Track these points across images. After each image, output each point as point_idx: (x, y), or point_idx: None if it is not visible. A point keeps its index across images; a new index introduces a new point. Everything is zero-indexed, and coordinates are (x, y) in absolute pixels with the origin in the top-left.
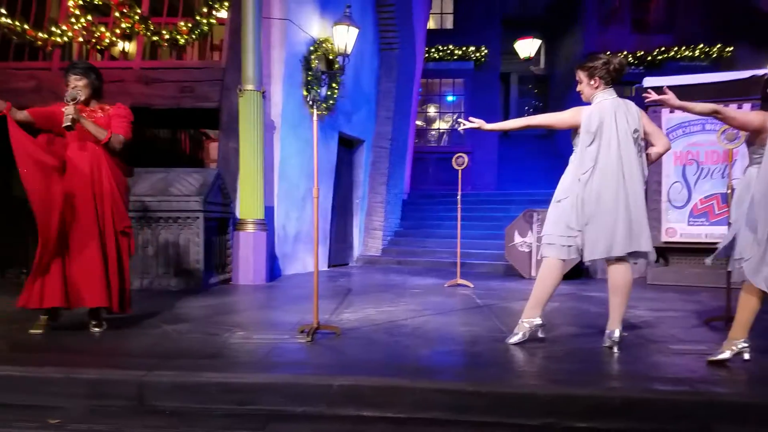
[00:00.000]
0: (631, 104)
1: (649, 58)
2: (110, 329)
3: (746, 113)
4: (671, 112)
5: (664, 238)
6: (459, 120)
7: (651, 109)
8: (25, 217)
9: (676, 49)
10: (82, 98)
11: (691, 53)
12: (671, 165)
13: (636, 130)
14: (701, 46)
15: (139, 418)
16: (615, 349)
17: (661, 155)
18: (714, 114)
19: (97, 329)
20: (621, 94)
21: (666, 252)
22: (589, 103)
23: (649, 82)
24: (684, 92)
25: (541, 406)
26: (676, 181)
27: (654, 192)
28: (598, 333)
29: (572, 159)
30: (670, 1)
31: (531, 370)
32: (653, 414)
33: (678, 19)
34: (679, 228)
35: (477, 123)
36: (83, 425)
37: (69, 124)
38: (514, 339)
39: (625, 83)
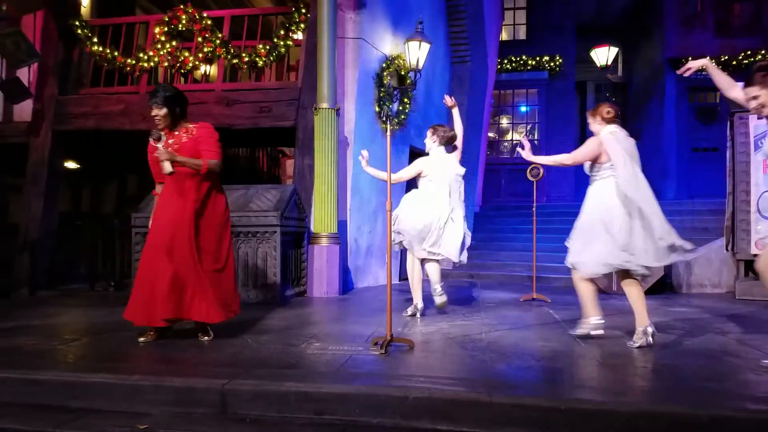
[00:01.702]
0: None
1: (734, 62)
2: (193, 339)
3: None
4: (759, 118)
5: (754, 250)
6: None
7: (738, 115)
8: (114, 234)
9: (762, 52)
10: (164, 134)
11: None
12: (761, 173)
13: None
14: None
15: (221, 424)
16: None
17: None
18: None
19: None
20: (706, 100)
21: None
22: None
23: None
24: None
25: (623, 423)
26: (766, 191)
27: (742, 202)
28: (683, 348)
29: (604, 185)
30: (757, 1)
31: (613, 386)
32: None
33: (765, 21)
34: None
35: (526, 151)
36: (169, 431)
37: (169, 170)
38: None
39: (708, 89)
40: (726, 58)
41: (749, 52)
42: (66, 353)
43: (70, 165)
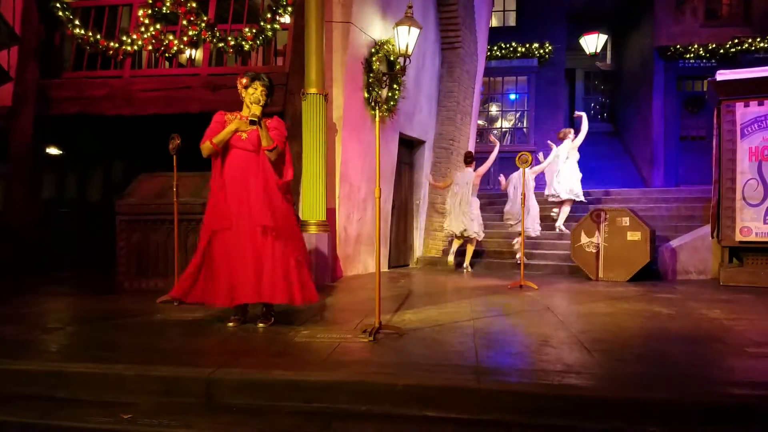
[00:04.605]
0: None
1: (722, 51)
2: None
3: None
4: (746, 106)
5: (739, 237)
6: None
7: (725, 104)
8: (100, 221)
9: (750, 40)
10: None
11: (767, 45)
12: (746, 161)
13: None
14: None
15: (207, 414)
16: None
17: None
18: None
19: (263, 325)
20: (694, 89)
21: (740, 252)
22: None
23: (722, 75)
24: (760, 84)
25: (612, 410)
26: (752, 178)
27: (728, 190)
28: (670, 334)
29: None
30: None
31: (601, 373)
32: (729, 419)
33: (754, 9)
34: (754, 227)
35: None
36: (154, 420)
37: (255, 119)
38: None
39: (696, 77)
40: (714, 46)
41: (737, 40)
42: (50, 342)
43: (54, 151)
